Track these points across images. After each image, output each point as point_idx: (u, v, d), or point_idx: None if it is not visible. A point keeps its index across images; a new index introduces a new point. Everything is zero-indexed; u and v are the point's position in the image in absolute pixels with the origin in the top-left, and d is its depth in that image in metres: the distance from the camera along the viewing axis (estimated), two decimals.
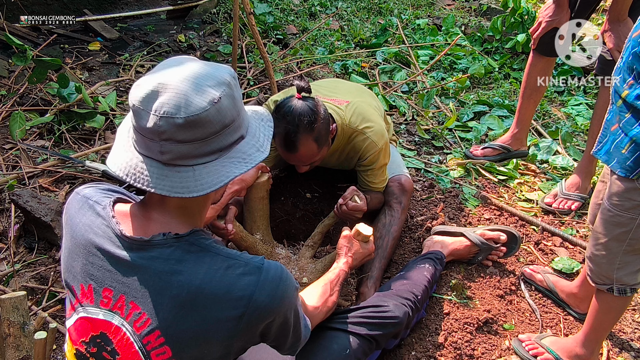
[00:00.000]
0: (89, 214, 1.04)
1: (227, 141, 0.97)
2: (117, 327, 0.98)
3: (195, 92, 0.91)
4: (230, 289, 0.95)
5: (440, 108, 3.31)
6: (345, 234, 1.66)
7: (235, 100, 0.97)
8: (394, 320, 1.60)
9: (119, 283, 0.97)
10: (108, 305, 0.98)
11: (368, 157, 1.99)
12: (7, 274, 1.94)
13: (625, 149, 1.32)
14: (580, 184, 2.45)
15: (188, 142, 0.91)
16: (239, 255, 1.00)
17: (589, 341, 1.65)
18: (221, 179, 0.95)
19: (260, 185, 1.81)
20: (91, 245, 1.01)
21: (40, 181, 2.39)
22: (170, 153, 0.92)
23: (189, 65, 0.96)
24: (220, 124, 0.93)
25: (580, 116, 3.24)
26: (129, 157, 0.96)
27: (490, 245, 2.04)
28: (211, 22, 4.36)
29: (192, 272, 0.94)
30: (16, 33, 3.59)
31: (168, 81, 0.91)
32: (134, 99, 0.92)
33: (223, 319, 0.95)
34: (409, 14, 4.60)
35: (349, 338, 1.50)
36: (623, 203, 1.37)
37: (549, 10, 2.27)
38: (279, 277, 1.01)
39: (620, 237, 1.43)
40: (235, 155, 0.98)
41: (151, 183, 0.92)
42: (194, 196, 0.93)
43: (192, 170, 0.94)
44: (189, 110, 0.89)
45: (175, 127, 0.89)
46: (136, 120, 0.93)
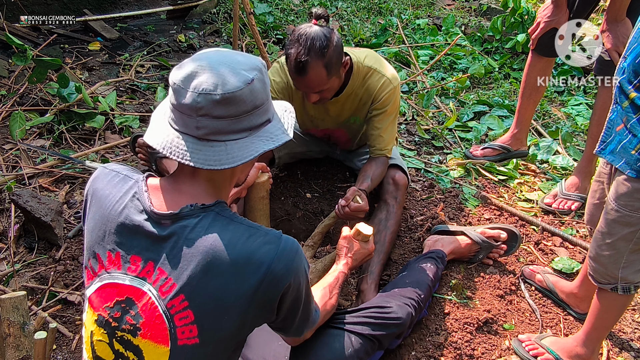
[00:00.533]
0: (119, 186, 1.10)
1: (257, 121, 1.06)
2: (143, 291, 1.02)
3: (231, 74, 1.00)
4: (251, 255, 1.01)
5: (440, 108, 3.31)
6: (345, 235, 1.65)
7: (265, 85, 1.06)
8: (397, 321, 1.60)
9: (147, 251, 1.03)
10: (135, 271, 1.04)
11: (382, 97, 2.00)
12: (7, 274, 1.94)
13: (635, 149, 1.32)
14: (580, 184, 2.45)
15: (222, 118, 1.00)
16: (259, 226, 1.08)
17: (589, 340, 1.65)
18: (250, 152, 1.03)
19: (261, 185, 1.81)
20: (121, 215, 1.06)
21: (40, 181, 2.39)
22: (205, 128, 1.00)
23: (226, 52, 1.06)
24: (251, 104, 1.02)
25: (580, 116, 3.24)
26: (165, 134, 1.04)
27: (490, 244, 2.04)
28: (211, 22, 4.36)
29: (217, 239, 1.01)
30: (16, 33, 3.59)
31: (206, 64, 1.01)
32: (175, 78, 1.01)
33: (243, 283, 1.01)
34: (409, 14, 4.60)
35: (351, 337, 1.51)
36: (633, 203, 1.37)
37: (547, 11, 2.27)
38: (296, 250, 1.09)
39: (628, 237, 1.43)
40: (263, 135, 1.07)
41: (187, 155, 1.00)
42: (225, 168, 1.01)
43: (225, 145, 1.02)
44: (225, 87, 0.99)
45: (212, 102, 0.98)
46: (176, 97, 1.01)
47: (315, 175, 2.55)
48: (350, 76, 1.99)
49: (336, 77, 1.85)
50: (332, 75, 1.81)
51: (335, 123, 2.18)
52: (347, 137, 2.28)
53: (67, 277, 1.96)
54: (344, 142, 2.34)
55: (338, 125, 2.20)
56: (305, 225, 2.29)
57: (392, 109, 2.03)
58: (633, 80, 1.31)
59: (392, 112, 2.04)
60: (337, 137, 2.29)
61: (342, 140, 2.31)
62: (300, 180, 2.50)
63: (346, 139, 2.30)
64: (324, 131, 2.26)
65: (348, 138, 2.29)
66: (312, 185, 2.48)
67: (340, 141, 2.33)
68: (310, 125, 2.23)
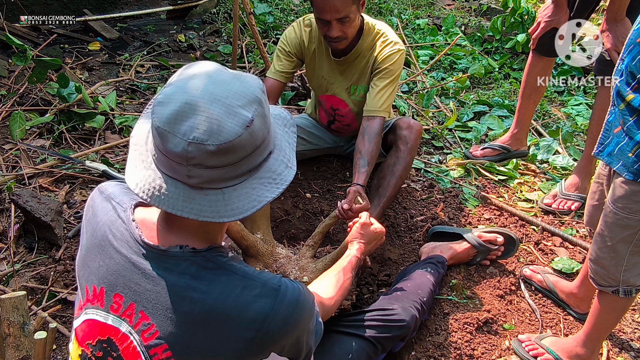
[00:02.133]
0: (110, 214, 1.02)
1: (258, 161, 0.93)
2: (124, 334, 0.95)
3: (227, 115, 0.85)
4: (244, 311, 0.92)
5: (440, 108, 3.31)
6: (362, 222, 1.67)
7: (265, 118, 0.92)
8: (400, 323, 1.58)
9: (130, 290, 0.95)
10: (118, 311, 0.96)
11: (385, 54, 2.07)
12: (7, 274, 1.94)
13: (632, 152, 1.32)
14: (580, 184, 2.45)
15: (218, 167, 0.87)
16: (256, 275, 0.97)
17: (590, 341, 1.65)
18: (253, 204, 0.91)
19: None
20: (109, 246, 0.99)
21: (40, 181, 2.39)
22: (198, 177, 0.87)
23: (216, 78, 0.89)
24: (251, 147, 0.89)
25: (580, 116, 3.24)
26: (151, 177, 0.90)
27: (488, 247, 2.04)
28: (211, 22, 4.36)
29: (207, 290, 0.92)
30: (16, 33, 3.59)
31: (196, 101, 0.85)
32: (159, 120, 0.86)
33: (234, 339, 0.92)
34: (409, 14, 4.60)
35: (352, 342, 1.48)
36: (631, 206, 1.37)
37: (547, 11, 2.27)
38: (296, 301, 0.97)
39: (627, 239, 1.43)
40: (265, 175, 0.94)
41: (177, 206, 0.88)
42: (224, 221, 0.89)
43: (222, 194, 0.90)
44: (221, 137, 0.84)
45: (206, 153, 0.84)
46: (161, 141, 0.86)
47: (315, 175, 2.55)
48: (361, 36, 2.08)
49: (357, 9, 1.93)
50: (355, 1, 1.90)
51: (343, 88, 2.23)
52: (351, 116, 2.31)
53: (67, 277, 1.96)
54: (349, 122, 2.35)
55: (346, 94, 2.25)
56: (305, 225, 2.29)
57: (392, 69, 2.08)
58: (631, 82, 1.31)
59: (392, 72, 2.08)
60: (343, 115, 2.32)
61: (347, 119, 2.33)
62: (300, 180, 2.50)
63: (350, 118, 2.32)
64: (332, 100, 2.30)
65: (352, 116, 2.31)
66: (312, 185, 2.48)
67: (345, 121, 2.35)
68: (323, 90, 2.29)
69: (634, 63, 1.29)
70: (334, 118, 2.36)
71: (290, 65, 2.21)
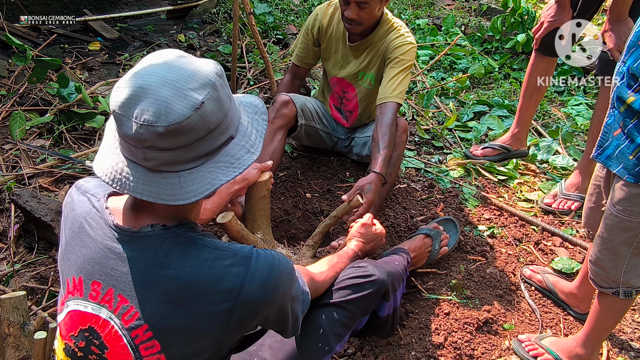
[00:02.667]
0: (86, 205, 1.04)
1: (214, 145, 0.93)
2: (105, 320, 0.96)
3: (176, 98, 0.86)
4: (218, 281, 0.93)
5: (440, 108, 3.31)
6: (359, 222, 1.68)
7: (221, 102, 0.91)
8: (371, 278, 1.46)
9: (107, 276, 0.96)
10: (96, 298, 0.97)
11: (398, 42, 2.16)
12: (7, 274, 1.94)
13: (633, 155, 1.31)
14: (580, 184, 2.45)
15: (171, 149, 0.88)
16: (226, 246, 0.98)
17: (589, 341, 1.65)
18: (207, 187, 0.92)
19: (262, 184, 1.81)
20: (85, 236, 1.00)
21: (40, 181, 2.39)
22: (154, 160, 0.89)
23: (172, 63, 0.90)
24: (204, 130, 0.89)
25: (580, 116, 3.24)
26: (114, 161, 0.93)
27: (437, 230, 2.02)
28: (211, 22, 4.36)
29: (179, 265, 0.93)
30: (16, 33, 3.59)
31: (148, 84, 0.86)
32: (114, 104, 0.88)
33: (212, 312, 0.93)
34: (409, 14, 4.60)
35: (322, 315, 1.39)
36: (632, 208, 1.37)
37: (551, 11, 2.27)
38: (270, 266, 0.98)
39: (627, 241, 1.42)
40: (222, 159, 0.94)
41: (137, 189, 0.90)
42: (179, 204, 0.90)
43: (178, 177, 0.91)
44: (169, 118, 0.85)
45: (157, 135, 0.85)
46: (118, 126, 0.89)
47: (315, 175, 2.55)
48: (377, 25, 2.19)
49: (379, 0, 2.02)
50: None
51: (352, 72, 2.32)
52: (355, 101, 2.38)
53: None
54: (351, 109, 2.42)
55: (353, 78, 2.33)
56: (305, 225, 2.29)
57: (404, 58, 2.16)
58: (632, 84, 1.31)
59: (403, 61, 2.16)
60: (349, 99, 2.40)
61: (351, 104, 2.40)
62: (300, 180, 2.50)
63: (354, 104, 2.39)
64: (342, 83, 2.38)
65: (356, 102, 2.38)
66: (312, 185, 2.48)
67: (349, 106, 2.41)
68: (336, 71, 2.37)
69: (636, 65, 1.29)
70: (341, 101, 2.44)
71: (307, 48, 2.38)
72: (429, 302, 1.91)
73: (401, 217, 2.32)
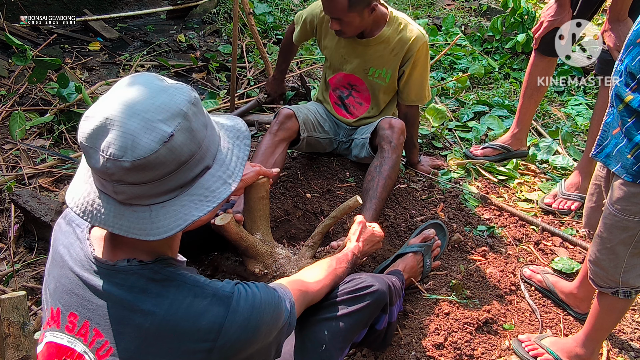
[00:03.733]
0: (70, 236, 1.02)
1: (188, 177, 0.88)
2: (79, 354, 0.93)
3: (143, 130, 0.81)
4: (196, 321, 0.89)
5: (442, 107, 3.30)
6: (358, 220, 1.67)
7: (193, 132, 0.86)
8: (370, 289, 1.42)
9: (84, 308, 0.93)
10: (73, 330, 0.94)
11: (414, 51, 2.21)
12: (7, 274, 1.94)
13: (631, 154, 1.31)
14: (580, 184, 2.45)
15: (140, 184, 0.84)
16: (207, 283, 0.94)
17: (589, 341, 1.65)
18: (178, 222, 0.87)
19: (260, 185, 1.80)
20: (66, 267, 0.98)
21: (40, 181, 2.39)
22: (123, 194, 0.85)
23: (142, 91, 0.85)
24: (175, 163, 0.84)
25: (580, 116, 3.24)
26: (87, 191, 0.89)
27: (427, 245, 2.01)
28: (211, 22, 4.36)
29: (157, 302, 0.89)
30: (16, 33, 3.59)
31: (115, 115, 0.82)
32: (81, 135, 0.83)
33: (190, 352, 0.90)
34: (409, 14, 4.60)
35: (324, 330, 1.37)
36: (630, 208, 1.37)
37: (550, 10, 2.27)
38: (251, 306, 0.95)
39: (626, 241, 1.42)
40: (197, 192, 0.89)
41: (108, 222, 0.87)
42: (150, 239, 0.86)
43: (149, 211, 0.86)
44: (135, 153, 0.80)
45: (123, 170, 0.81)
46: (86, 157, 0.85)
47: (315, 175, 2.55)
48: (384, 24, 2.21)
49: (357, 15, 2.03)
50: (353, 9, 2.00)
51: (362, 69, 2.34)
52: (367, 94, 2.40)
53: None
54: (362, 100, 2.43)
55: (363, 74, 2.35)
56: (305, 225, 2.28)
57: (427, 59, 2.27)
58: (630, 82, 1.31)
59: (426, 62, 2.27)
60: (359, 91, 2.42)
61: (362, 97, 2.42)
62: (300, 180, 2.50)
63: (365, 97, 2.41)
64: (349, 78, 2.39)
65: (367, 95, 2.41)
66: (312, 185, 2.48)
67: (360, 98, 2.43)
68: (341, 67, 2.38)
69: (634, 64, 1.29)
70: (349, 93, 2.45)
71: (304, 36, 2.49)
72: (429, 302, 1.91)
73: (401, 217, 2.32)
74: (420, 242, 2.03)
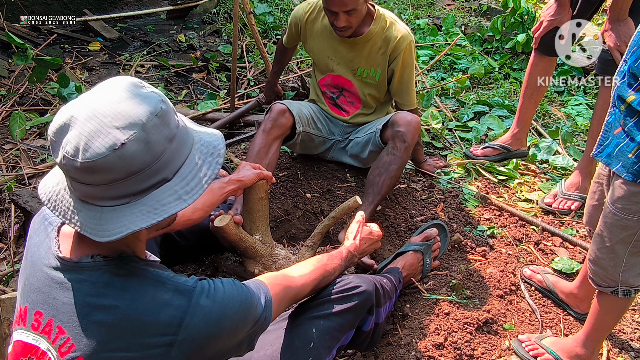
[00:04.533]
0: (41, 234, 1.03)
1: (139, 187, 0.89)
2: (43, 351, 0.94)
3: (97, 134, 0.83)
4: (157, 315, 0.90)
5: (440, 108, 3.30)
6: (357, 219, 1.67)
7: (150, 145, 0.87)
8: (358, 289, 1.43)
9: (49, 306, 0.94)
10: (37, 328, 0.95)
11: (401, 50, 2.19)
12: (7, 274, 1.94)
13: (632, 153, 1.32)
14: (580, 184, 2.45)
15: (90, 184, 0.86)
16: (170, 278, 0.95)
17: (589, 341, 1.65)
18: (121, 229, 0.88)
19: (259, 186, 1.81)
20: (34, 265, 0.99)
21: (40, 181, 2.39)
22: (78, 190, 0.89)
23: (110, 95, 0.87)
24: (124, 171, 0.85)
25: (580, 116, 3.24)
26: (56, 181, 0.93)
27: (427, 244, 2.02)
28: (211, 22, 4.36)
29: (119, 297, 0.91)
30: (16, 33, 3.59)
31: (79, 115, 0.85)
32: (50, 129, 0.87)
33: (150, 346, 0.90)
34: (409, 14, 4.60)
35: (312, 328, 1.37)
36: (630, 207, 1.37)
37: (550, 10, 2.27)
38: (213, 300, 0.95)
39: (626, 240, 1.42)
40: (147, 203, 0.90)
41: (67, 215, 0.90)
42: (96, 240, 0.88)
43: (100, 212, 0.89)
44: (86, 154, 0.83)
45: (74, 169, 0.85)
46: (51, 150, 0.89)
47: (315, 175, 2.55)
48: (372, 21, 2.19)
49: (356, 5, 2.01)
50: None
51: (350, 69, 2.32)
52: (357, 94, 2.38)
53: None
54: (353, 100, 2.42)
55: (351, 75, 2.33)
56: (305, 225, 2.29)
57: (412, 61, 2.25)
58: (633, 83, 1.31)
59: (412, 64, 2.26)
60: (350, 92, 2.40)
61: (353, 97, 2.40)
62: (300, 180, 2.50)
63: (356, 97, 2.40)
64: (338, 80, 2.38)
65: (358, 96, 2.39)
66: (312, 185, 2.48)
67: (351, 97, 2.41)
68: (329, 69, 2.36)
69: (637, 64, 1.29)
70: (341, 93, 2.43)
71: (292, 39, 2.49)
72: (429, 302, 1.91)
73: (401, 217, 2.32)
74: (421, 241, 2.03)
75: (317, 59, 2.38)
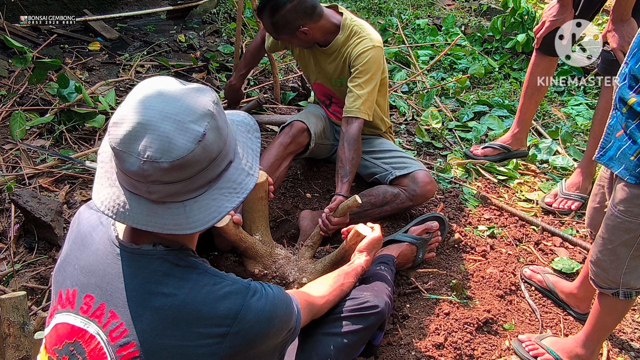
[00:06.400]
0: (93, 220, 1.05)
1: (216, 172, 0.93)
2: (91, 335, 0.95)
3: (177, 132, 0.86)
4: (215, 306, 0.93)
5: (440, 108, 3.30)
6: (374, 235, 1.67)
7: (220, 130, 0.92)
8: (375, 310, 1.48)
9: (101, 290, 0.95)
10: (87, 312, 0.96)
11: (358, 51, 2.08)
12: (7, 274, 1.94)
13: (634, 155, 1.31)
14: (581, 184, 2.45)
15: (175, 182, 0.89)
16: (226, 275, 0.99)
17: (589, 341, 1.65)
18: (213, 215, 0.92)
19: (259, 186, 1.80)
20: (86, 249, 1.00)
21: (40, 181, 2.39)
22: (158, 193, 0.89)
23: (168, 95, 0.89)
24: (207, 160, 0.90)
25: (580, 116, 3.24)
26: (115, 194, 0.93)
27: (423, 239, 2.02)
28: (211, 22, 4.36)
29: (178, 286, 0.93)
30: (16, 33, 3.59)
31: (147, 120, 0.86)
32: (113, 140, 0.88)
33: (205, 336, 0.93)
34: (409, 14, 4.60)
35: (330, 345, 1.41)
36: (633, 209, 1.37)
37: (553, 10, 2.27)
38: (265, 299, 0.99)
39: (628, 242, 1.42)
40: (225, 185, 0.95)
41: (141, 221, 0.90)
42: (187, 233, 0.91)
43: (183, 207, 0.91)
44: (173, 153, 0.86)
45: (161, 170, 0.86)
46: (118, 161, 0.89)
47: (315, 175, 2.55)
48: (338, 31, 2.13)
49: (290, 37, 2.06)
50: (280, 34, 2.04)
51: (327, 79, 2.30)
52: (342, 103, 2.33)
53: None
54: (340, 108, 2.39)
55: (330, 84, 2.31)
56: None
57: (365, 68, 2.07)
58: (634, 85, 1.31)
59: (365, 71, 2.07)
60: (337, 100, 2.39)
61: (340, 104, 2.37)
62: (300, 180, 2.50)
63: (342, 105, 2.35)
64: (322, 88, 2.39)
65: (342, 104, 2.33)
66: (312, 185, 2.48)
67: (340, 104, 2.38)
68: (314, 77, 2.36)
69: (638, 66, 1.29)
70: (330, 100, 2.43)
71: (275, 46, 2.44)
72: (429, 302, 1.91)
73: (401, 217, 2.32)
74: (420, 232, 2.04)
75: (303, 67, 2.39)
